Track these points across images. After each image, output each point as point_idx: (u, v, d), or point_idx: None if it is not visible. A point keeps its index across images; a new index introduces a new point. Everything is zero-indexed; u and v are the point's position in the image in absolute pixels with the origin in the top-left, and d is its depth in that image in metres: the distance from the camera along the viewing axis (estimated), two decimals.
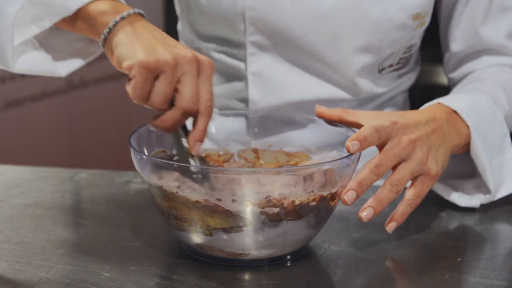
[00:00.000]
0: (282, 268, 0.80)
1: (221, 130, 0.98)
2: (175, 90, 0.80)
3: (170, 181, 0.77)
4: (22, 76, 2.08)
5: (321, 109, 0.88)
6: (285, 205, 0.76)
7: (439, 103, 0.92)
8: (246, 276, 0.78)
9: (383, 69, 1.07)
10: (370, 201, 0.81)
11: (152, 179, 0.79)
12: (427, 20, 1.05)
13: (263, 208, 0.75)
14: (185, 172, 0.77)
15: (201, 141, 0.82)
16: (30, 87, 2.11)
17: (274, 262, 0.80)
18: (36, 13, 0.84)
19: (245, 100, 1.09)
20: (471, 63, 1.10)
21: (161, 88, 0.79)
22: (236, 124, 0.97)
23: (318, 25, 1.02)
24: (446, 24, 1.10)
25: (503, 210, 0.97)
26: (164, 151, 0.89)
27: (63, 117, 2.23)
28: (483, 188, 0.95)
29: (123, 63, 0.79)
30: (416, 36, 1.06)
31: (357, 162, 0.81)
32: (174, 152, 0.84)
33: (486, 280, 0.78)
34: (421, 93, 1.10)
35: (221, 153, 0.95)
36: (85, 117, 2.33)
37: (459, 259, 0.83)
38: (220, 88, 1.11)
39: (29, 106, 2.12)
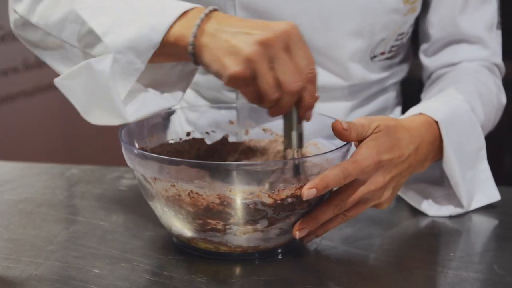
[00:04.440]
0: (273, 263, 0.79)
1: (212, 123, 0.97)
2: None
3: (162, 175, 0.76)
4: (15, 71, 2.07)
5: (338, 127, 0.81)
6: (299, 194, 0.75)
7: (427, 119, 0.89)
8: (237, 271, 0.78)
9: (375, 56, 1.06)
10: (306, 218, 0.78)
11: (142, 174, 0.78)
12: (417, 7, 1.05)
13: (278, 199, 0.75)
14: (183, 166, 0.75)
15: (311, 107, 0.78)
16: (22, 82, 2.10)
17: (264, 256, 0.80)
18: (128, 60, 0.82)
19: (235, 91, 1.08)
20: (448, 53, 1.09)
21: (263, 86, 0.76)
22: (228, 117, 0.96)
23: (308, 8, 1.01)
24: (425, 9, 1.09)
25: (496, 205, 0.97)
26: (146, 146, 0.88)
27: (56, 112, 2.22)
28: (454, 199, 0.94)
29: (221, 81, 0.77)
30: (407, 23, 1.05)
31: None
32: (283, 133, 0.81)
33: (478, 275, 0.78)
34: (415, 86, 1.10)
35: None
36: (77, 112, 2.32)
37: (451, 254, 0.83)
38: (211, 81, 1.10)
39: (21, 101, 2.11)
